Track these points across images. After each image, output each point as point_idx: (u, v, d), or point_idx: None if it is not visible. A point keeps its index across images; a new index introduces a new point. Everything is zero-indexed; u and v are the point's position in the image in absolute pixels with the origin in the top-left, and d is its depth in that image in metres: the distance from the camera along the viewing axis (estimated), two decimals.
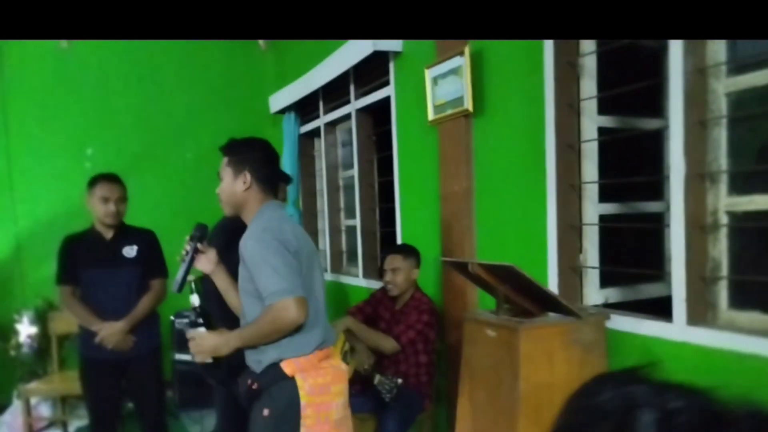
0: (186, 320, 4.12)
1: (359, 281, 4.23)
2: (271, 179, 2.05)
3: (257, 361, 1.94)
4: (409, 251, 3.09)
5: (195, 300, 1.99)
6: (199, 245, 2.08)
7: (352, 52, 3.59)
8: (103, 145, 4.82)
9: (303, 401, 1.86)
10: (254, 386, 1.93)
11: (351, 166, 4.51)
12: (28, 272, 4.53)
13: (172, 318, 4.41)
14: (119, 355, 2.95)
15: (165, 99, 5.01)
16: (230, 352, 1.94)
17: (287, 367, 1.88)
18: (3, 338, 4.28)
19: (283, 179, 2.61)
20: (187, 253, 2.05)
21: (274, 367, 1.89)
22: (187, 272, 2.03)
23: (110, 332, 2.91)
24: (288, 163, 4.93)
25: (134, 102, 4.92)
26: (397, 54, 3.47)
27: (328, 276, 4.64)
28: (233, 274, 2.08)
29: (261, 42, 5.15)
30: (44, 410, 4.26)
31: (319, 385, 1.90)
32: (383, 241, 4.21)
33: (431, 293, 3.27)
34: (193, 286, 2.01)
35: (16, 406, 4.18)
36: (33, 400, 4.13)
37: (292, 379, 1.88)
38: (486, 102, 2.79)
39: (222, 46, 5.15)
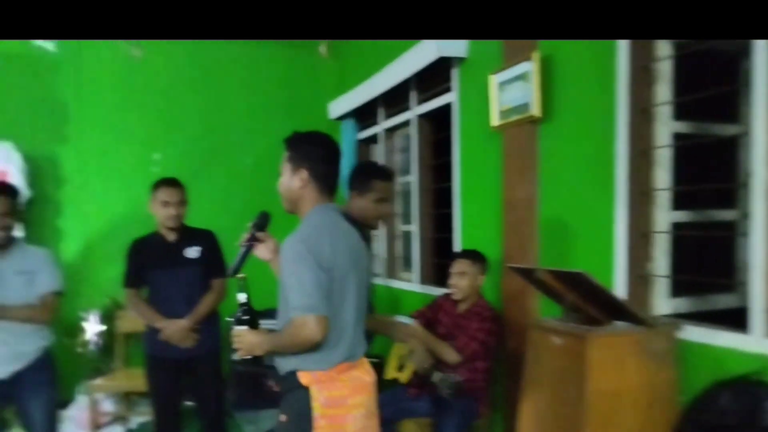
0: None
1: (414, 287, 4.24)
2: (329, 178, 1.96)
3: (280, 365, 1.96)
4: (477, 257, 3.06)
5: (242, 297, 1.99)
6: (258, 234, 2.06)
7: (416, 58, 3.61)
8: (169, 149, 4.98)
9: (316, 413, 1.84)
10: (275, 388, 1.96)
11: (408, 172, 4.53)
12: (97, 272, 4.69)
13: (229, 319, 4.51)
14: (182, 353, 3.04)
15: (228, 106, 5.15)
16: (263, 354, 1.95)
17: (303, 378, 1.87)
18: (70, 335, 4.44)
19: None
20: (247, 240, 2.05)
21: (292, 375, 1.90)
22: (243, 259, 2.03)
23: (174, 330, 2.99)
24: (346, 170, 4.98)
25: (199, 109, 5.07)
26: (460, 60, 3.47)
27: (382, 280, 4.65)
28: None
29: (321, 48, 5.23)
30: (107, 406, 4.40)
31: (334, 397, 1.87)
32: (439, 247, 4.20)
33: (490, 299, 3.24)
34: (242, 283, 2.00)
35: (81, 401, 4.33)
36: (97, 396, 4.27)
37: (307, 389, 1.86)
38: (554, 107, 2.76)
39: (284, 54, 5.27)
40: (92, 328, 4.48)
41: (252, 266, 2.06)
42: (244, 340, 1.94)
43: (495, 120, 3.09)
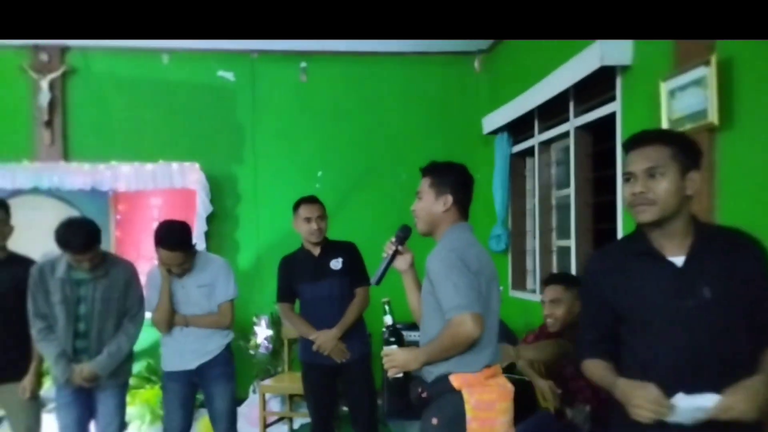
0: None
1: None
2: (466, 203, 2.18)
3: (429, 371, 2.03)
4: (572, 281, 2.84)
5: (388, 320, 2.12)
6: (400, 246, 2.20)
7: (576, 68, 3.51)
8: (330, 167, 5.30)
9: (469, 415, 1.92)
10: (423, 394, 2.03)
11: (565, 186, 4.40)
12: (267, 281, 5.05)
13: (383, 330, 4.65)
14: (333, 360, 3.19)
15: (385, 123, 5.38)
16: (419, 367, 2.03)
17: (455, 381, 1.96)
18: (244, 338, 4.84)
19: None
20: (391, 251, 2.20)
21: (443, 379, 1.97)
22: (386, 268, 2.19)
23: (325, 339, 3.15)
24: (499, 184, 4.96)
25: (359, 127, 5.35)
26: (624, 68, 3.32)
27: (536, 297, 4.54)
28: None
29: (476, 64, 5.28)
30: (274, 406, 4.73)
31: (484, 401, 1.95)
32: None
33: None
34: (387, 307, 2.13)
35: (253, 399, 4.71)
36: (266, 396, 4.61)
37: (459, 393, 1.95)
38: (734, 114, 2.55)
39: (438, 71, 5.41)
40: (262, 332, 4.86)
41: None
42: (397, 358, 2.04)
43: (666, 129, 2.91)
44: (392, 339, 2.08)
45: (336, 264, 3.27)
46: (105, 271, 2.88)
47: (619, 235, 3.47)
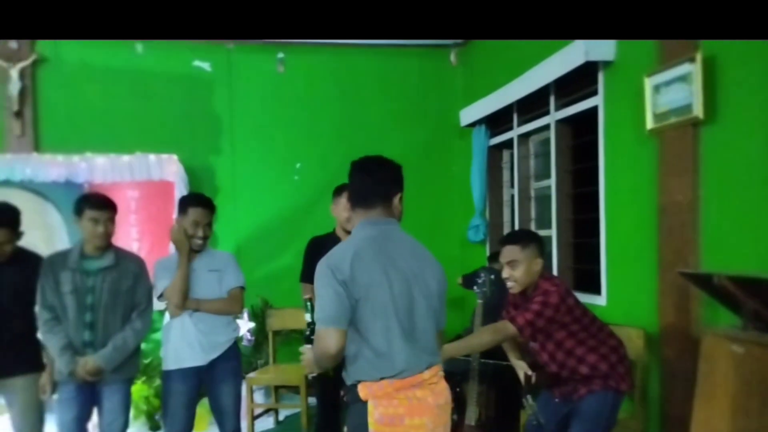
0: None
1: None
2: (360, 194, 2.06)
3: (346, 375, 1.97)
4: (528, 239, 2.72)
5: (308, 317, 2.09)
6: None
7: (559, 63, 3.61)
8: (309, 159, 5.30)
9: (371, 428, 1.83)
10: (345, 398, 1.98)
11: (543, 177, 4.52)
12: (247, 273, 5.01)
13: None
14: None
15: (363, 115, 5.40)
16: (313, 372, 2.04)
17: (362, 391, 1.88)
18: None
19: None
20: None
21: (353, 388, 1.91)
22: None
23: None
24: (477, 176, 5.06)
25: (336, 119, 5.36)
26: (607, 63, 3.44)
27: None
28: None
29: (452, 57, 5.35)
30: (259, 398, 4.73)
31: (389, 415, 1.83)
32: (577, 253, 4.17)
33: (643, 307, 3.19)
34: (308, 304, 2.10)
35: None
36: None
37: (365, 404, 1.86)
38: (718, 109, 2.69)
39: (415, 63, 5.46)
40: (244, 325, 4.83)
41: None
42: (305, 357, 2.03)
43: (649, 123, 3.04)
44: (312, 337, 2.00)
45: None
46: (115, 263, 2.85)
47: (602, 225, 3.61)
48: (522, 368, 2.83)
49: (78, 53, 4.85)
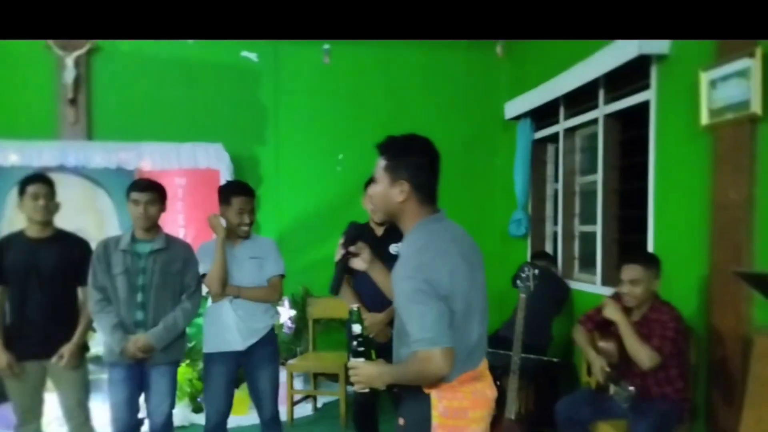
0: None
1: (596, 288, 4.15)
2: (430, 186, 1.84)
3: None
4: (651, 260, 2.94)
5: (356, 329, 1.87)
6: (351, 248, 2.02)
7: (609, 56, 3.54)
8: (352, 150, 5.32)
9: (435, 422, 1.77)
10: (395, 390, 1.91)
11: (589, 172, 4.45)
12: (288, 262, 5.10)
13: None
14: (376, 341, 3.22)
15: (407, 107, 5.39)
16: (382, 387, 1.83)
17: None
18: None
19: None
20: (341, 255, 2.00)
21: None
22: (341, 275, 2.01)
23: (372, 322, 3.16)
24: (520, 169, 5.01)
25: (380, 111, 5.36)
26: (660, 57, 3.36)
27: None
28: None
29: (498, 48, 5.29)
30: (298, 384, 4.80)
31: (454, 408, 1.78)
32: (622, 249, 4.10)
33: (692, 305, 3.12)
34: (355, 315, 1.87)
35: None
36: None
37: (428, 396, 1.78)
38: None
39: (461, 56, 5.42)
40: (285, 312, 4.91)
41: None
42: (363, 373, 1.81)
43: (704, 118, 2.96)
44: (360, 349, 1.86)
45: (394, 248, 3.29)
46: (165, 246, 2.94)
47: (649, 222, 3.54)
48: (599, 363, 2.97)
49: (131, 43, 4.96)
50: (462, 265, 1.77)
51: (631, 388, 2.78)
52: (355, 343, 1.86)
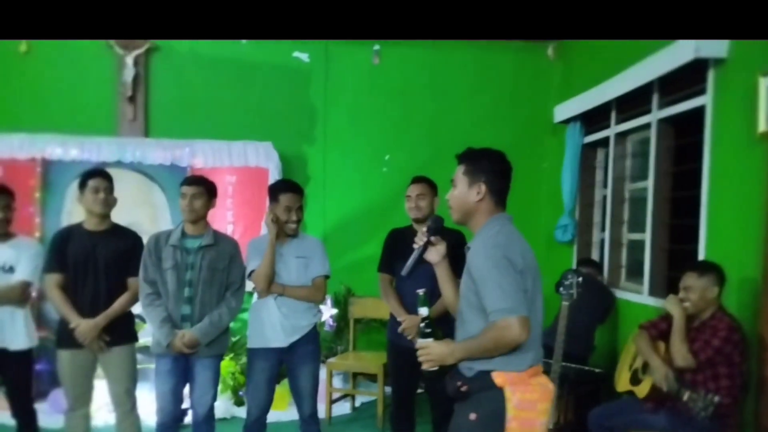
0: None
1: (643, 298, 4.04)
2: (503, 192, 2.07)
3: (469, 366, 1.96)
4: (707, 268, 2.92)
5: (424, 311, 2.05)
6: (432, 238, 2.18)
7: (664, 60, 3.44)
8: (398, 151, 5.35)
9: (509, 414, 1.88)
10: (463, 388, 1.96)
11: (640, 178, 4.33)
12: (332, 261, 5.14)
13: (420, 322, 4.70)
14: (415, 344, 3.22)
15: (455, 108, 5.38)
16: (454, 363, 1.98)
17: (498, 378, 1.90)
18: None
19: None
20: (423, 242, 2.17)
21: (485, 375, 1.92)
22: (417, 260, 2.17)
23: (410, 325, 3.13)
24: (569, 174, 4.92)
25: (428, 112, 5.37)
26: (718, 61, 3.24)
27: None
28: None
29: (549, 51, 5.22)
30: (337, 383, 4.84)
31: (527, 400, 1.90)
32: (674, 259, 3.97)
33: (744, 316, 3.00)
34: (422, 298, 2.06)
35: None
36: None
37: (501, 390, 1.90)
38: None
39: (510, 57, 5.37)
40: (327, 311, 4.96)
41: None
42: (433, 352, 1.98)
43: (762, 125, 2.85)
44: (428, 331, 2.02)
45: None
46: (213, 242, 3.02)
47: (701, 231, 3.42)
48: (664, 369, 2.90)
49: (188, 43, 5.12)
50: (530, 252, 1.99)
51: (716, 397, 2.67)
52: (422, 324, 2.03)
